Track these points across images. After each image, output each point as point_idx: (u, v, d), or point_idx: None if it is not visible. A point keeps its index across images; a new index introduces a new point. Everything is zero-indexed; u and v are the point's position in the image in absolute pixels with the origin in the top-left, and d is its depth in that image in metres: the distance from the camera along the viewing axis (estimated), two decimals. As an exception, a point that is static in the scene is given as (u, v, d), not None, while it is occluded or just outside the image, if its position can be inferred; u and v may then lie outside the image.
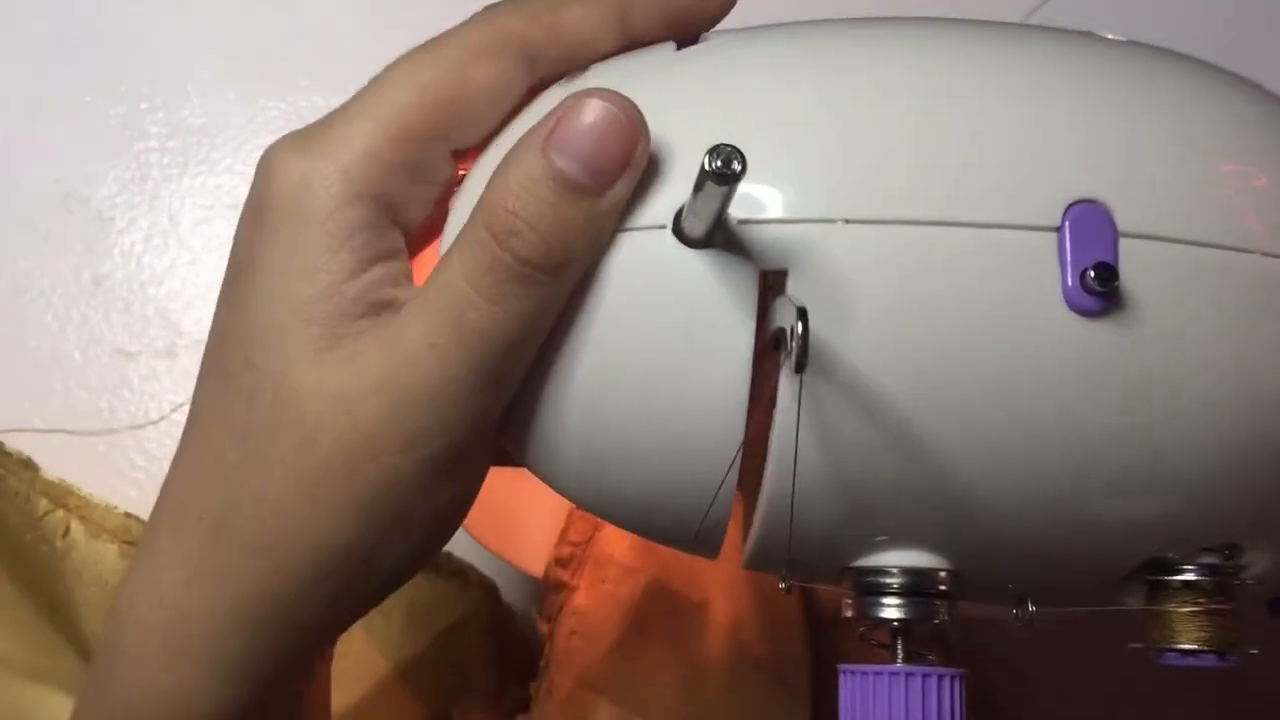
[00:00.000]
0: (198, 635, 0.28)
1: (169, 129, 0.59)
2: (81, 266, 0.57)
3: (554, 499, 0.30)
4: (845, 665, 0.27)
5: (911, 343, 0.25)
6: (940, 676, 0.27)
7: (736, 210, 0.25)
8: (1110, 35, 0.30)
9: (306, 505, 0.27)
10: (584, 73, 0.29)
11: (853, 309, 0.25)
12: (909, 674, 0.27)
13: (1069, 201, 0.26)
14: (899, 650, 0.27)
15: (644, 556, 0.44)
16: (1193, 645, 0.27)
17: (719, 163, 0.23)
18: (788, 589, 0.28)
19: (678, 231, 0.26)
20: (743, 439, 0.26)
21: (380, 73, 0.28)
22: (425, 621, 0.48)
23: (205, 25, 0.60)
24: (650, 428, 0.27)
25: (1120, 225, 0.26)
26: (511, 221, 0.25)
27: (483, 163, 0.29)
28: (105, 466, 0.54)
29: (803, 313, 0.24)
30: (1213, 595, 0.27)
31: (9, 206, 0.57)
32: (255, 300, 0.27)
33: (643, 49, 0.29)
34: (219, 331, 0.29)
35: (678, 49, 0.29)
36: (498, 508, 0.46)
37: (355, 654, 0.46)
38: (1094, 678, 0.48)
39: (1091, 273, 0.25)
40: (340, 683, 0.35)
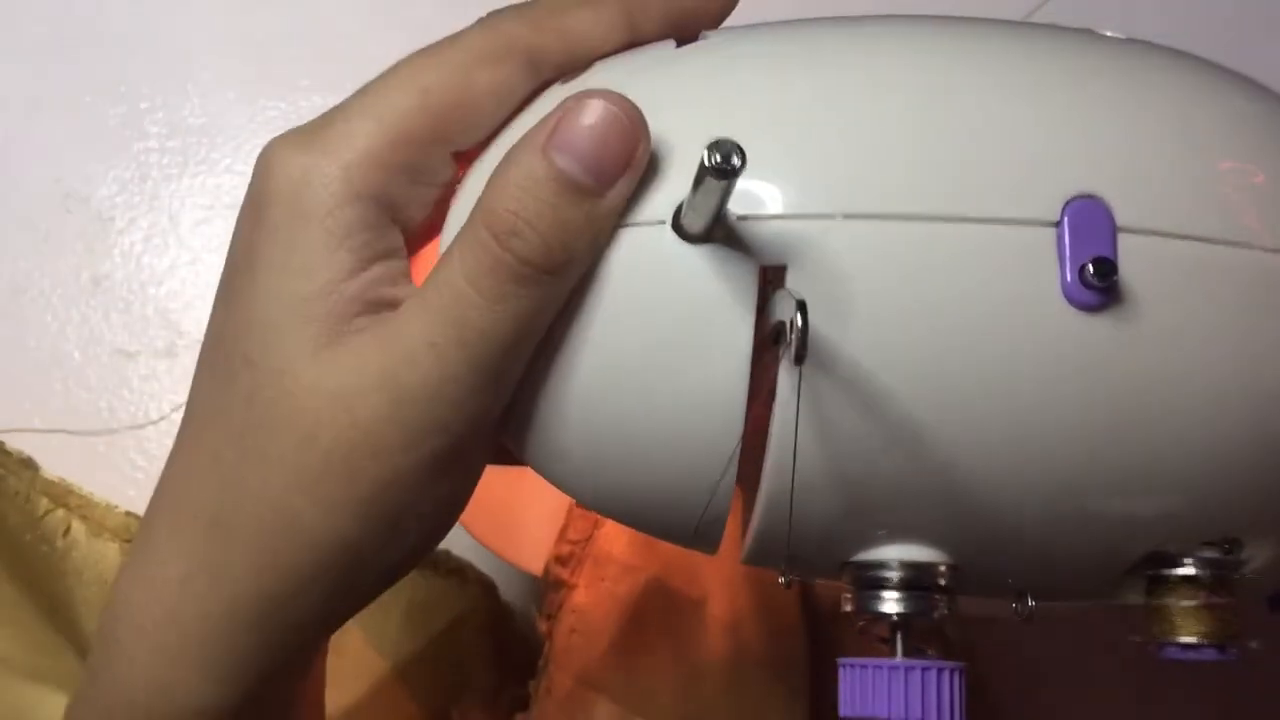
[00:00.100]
0: (194, 633, 0.28)
1: (169, 129, 0.59)
2: (81, 266, 0.57)
3: (553, 497, 0.30)
4: (845, 659, 0.27)
5: (910, 337, 0.26)
6: (939, 670, 0.27)
7: (736, 206, 0.25)
8: (1109, 33, 0.30)
9: (306, 502, 0.27)
10: (584, 71, 0.29)
11: (852, 304, 0.25)
12: (908, 668, 0.26)
13: (1068, 197, 0.26)
14: (898, 645, 0.27)
15: (643, 554, 0.44)
16: (1193, 639, 0.27)
17: (718, 158, 0.23)
18: (787, 584, 0.28)
19: (677, 227, 0.26)
20: (742, 433, 0.26)
21: (380, 74, 0.28)
22: (423, 620, 0.48)
23: (205, 25, 0.60)
24: (650, 422, 0.27)
25: (1119, 220, 0.26)
26: (512, 222, 0.25)
27: (483, 163, 0.29)
28: (105, 466, 0.54)
29: (802, 305, 0.24)
30: (1213, 589, 0.27)
31: (9, 206, 0.57)
32: (254, 298, 0.27)
33: (642, 47, 0.29)
34: (216, 329, 0.29)
35: (677, 46, 0.29)
36: (497, 506, 0.46)
37: (353, 653, 0.46)
38: (1093, 672, 0.48)
39: (1090, 267, 0.25)
40: (338, 682, 0.35)
